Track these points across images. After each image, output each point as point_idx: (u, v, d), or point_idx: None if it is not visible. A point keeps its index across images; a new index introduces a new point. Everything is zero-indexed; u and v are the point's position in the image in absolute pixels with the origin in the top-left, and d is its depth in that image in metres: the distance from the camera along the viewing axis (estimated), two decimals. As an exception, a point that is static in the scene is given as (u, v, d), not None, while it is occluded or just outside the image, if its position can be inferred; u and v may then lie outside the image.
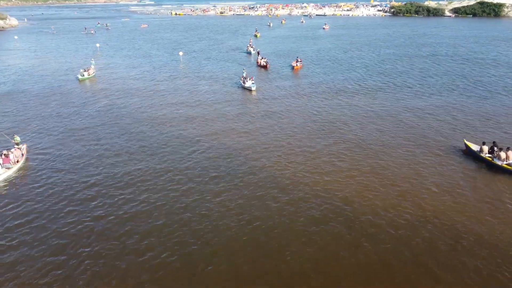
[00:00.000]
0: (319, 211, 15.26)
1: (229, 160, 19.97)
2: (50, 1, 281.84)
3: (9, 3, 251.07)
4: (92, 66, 41.74)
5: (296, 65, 44.16)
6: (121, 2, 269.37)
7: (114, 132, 24.30)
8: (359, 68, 42.11)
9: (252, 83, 33.13)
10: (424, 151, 20.72)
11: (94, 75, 40.37)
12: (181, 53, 48.48)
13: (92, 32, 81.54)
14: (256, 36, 71.98)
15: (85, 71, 39.77)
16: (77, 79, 39.00)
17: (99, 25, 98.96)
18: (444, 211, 15.14)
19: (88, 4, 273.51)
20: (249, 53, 52.66)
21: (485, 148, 19.55)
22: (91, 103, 31.10)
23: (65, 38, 74.55)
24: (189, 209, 15.52)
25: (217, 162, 19.70)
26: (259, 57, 44.99)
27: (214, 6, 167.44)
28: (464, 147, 20.88)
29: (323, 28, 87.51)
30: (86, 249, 13.28)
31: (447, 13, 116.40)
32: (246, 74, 35.10)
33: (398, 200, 15.99)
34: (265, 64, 42.74)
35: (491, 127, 23.97)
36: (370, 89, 33.45)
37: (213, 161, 19.87)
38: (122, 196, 16.50)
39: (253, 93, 32.33)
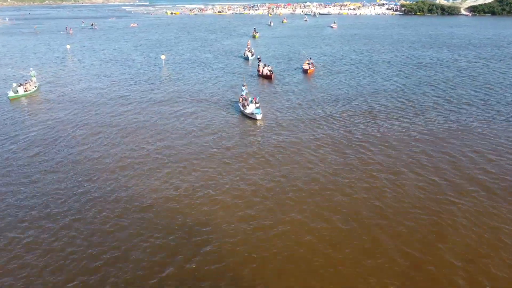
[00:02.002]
0: None
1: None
2: (47, 1, 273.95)
3: (4, 3, 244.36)
4: (33, 79, 31.29)
5: (309, 68, 35.87)
6: (119, 3, 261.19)
7: (31, 192, 15.48)
8: (390, 75, 33.10)
9: (257, 108, 22.87)
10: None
11: (36, 90, 30.06)
12: (163, 57, 39.42)
13: (70, 32, 72.49)
14: (254, 37, 62.80)
15: (20, 85, 28.99)
16: (7, 97, 28.19)
17: (83, 24, 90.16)
18: None
19: (85, 4, 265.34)
20: (247, 58, 42.91)
21: None
22: (12, 136, 21.07)
23: (42, 38, 65.74)
24: None
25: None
26: (261, 64, 35.27)
27: (213, 5, 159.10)
28: None
29: (331, 27, 79.01)
30: None
31: (463, 11, 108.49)
32: (246, 93, 24.84)
33: None
34: (268, 73, 33.20)
35: None
36: (418, 107, 24.32)
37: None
38: None
39: (258, 122, 22.35)
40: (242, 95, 24.69)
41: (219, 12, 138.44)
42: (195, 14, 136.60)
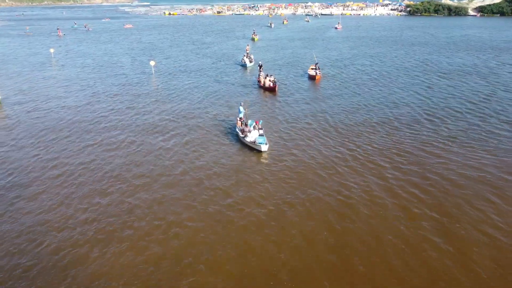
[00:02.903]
0: None
1: None
2: (46, 2, 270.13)
3: (2, 3, 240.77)
4: None
5: (316, 73, 32.17)
6: (118, 3, 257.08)
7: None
8: (407, 85, 29.11)
9: (261, 136, 18.09)
10: None
11: None
12: (152, 63, 35.40)
13: (59, 34, 68.33)
14: (253, 39, 58.55)
15: None
16: None
17: (76, 25, 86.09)
18: None
19: (84, 4, 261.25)
20: (244, 65, 37.82)
21: None
22: None
23: (28, 41, 61.73)
24: None
25: None
26: (262, 74, 30.37)
27: (212, 5, 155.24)
28: None
29: (335, 28, 75.17)
30: None
31: (471, 12, 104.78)
32: (245, 113, 19.74)
33: None
34: (272, 85, 28.28)
35: None
36: (452, 127, 20.06)
37: None
38: None
39: (263, 153, 17.46)
40: (239, 117, 20.02)
41: (218, 12, 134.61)
42: (194, 14, 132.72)
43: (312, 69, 34.64)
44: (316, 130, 20.08)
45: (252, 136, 18.02)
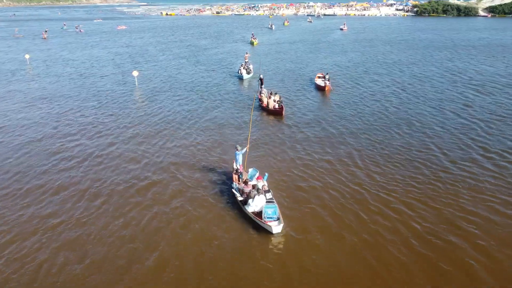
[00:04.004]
0: None
1: None
2: (44, 2, 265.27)
3: (0, 3, 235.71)
4: None
5: (326, 84, 27.72)
6: (117, 3, 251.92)
7: None
8: (437, 100, 24.21)
9: (270, 202, 12.01)
10: None
11: None
12: (135, 74, 30.14)
13: (44, 36, 63.09)
14: (252, 43, 53.18)
15: None
16: None
17: (65, 27, 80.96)
18: None
19: (82, 4, 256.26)
20: (241, 77, 31.58)
21: None
22: None
23: (10, 43, 56.73)
24: None
25: None
26: (264, 91, 24.65)
27: (211, 6, 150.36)
28: None
29: (341, 29, 70.48)
30: None
31: (481, 12, 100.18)
32: (244, 154, 14.50)
33: None
34: (277, 107, 22.36)
35: None
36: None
37: None
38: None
39: (275, 233, 11.28)
40: (237, 170, 14.19)
41: (217, 13, 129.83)
42: (193, 15, 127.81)
43: (320, 77, 30.33)
44: (340, 174, 14.99)
45: (257, 203, 11.85)
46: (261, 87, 25.74)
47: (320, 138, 18.65)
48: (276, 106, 22.51)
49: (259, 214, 11.78)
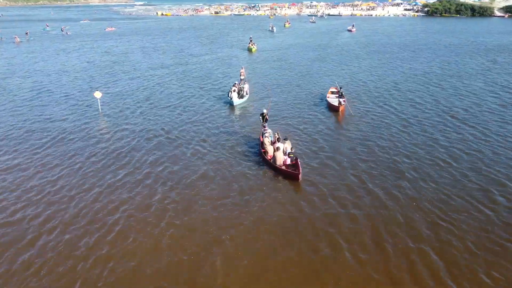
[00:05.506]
0: None
1: None
2: (41, 2, 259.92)
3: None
4: None
5: (340, 103, 22.06)
6: (116, 3, 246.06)
7: None
8: (505, 130, 18.07)
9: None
10: None
11: None
12: (98, 95, 22.79)
13: (16, 41, 56.24)
14: (250, 50, 46.01)
15: None
16: None
17: (47, 28, 74.53)
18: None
19: (81, 4, 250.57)
20: (231, 103, 23.45)
21: None
22: None
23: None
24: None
25: None
26: (268, 134, 16.66)
27: (209, 5, 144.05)
28: None
29: (349, 31, 64.28)
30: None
31: (497, 12, 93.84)
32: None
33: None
34: (289, 161, 14.71)
35: None
36: None
37: None
38: None
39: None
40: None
41: (216, 13, 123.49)
42: (190, 15, 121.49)
43: (333, 93, 24.48)
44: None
45: None
46: (264, 127, 17.51)
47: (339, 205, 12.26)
48: (288, 162, 14.77)
49: None
